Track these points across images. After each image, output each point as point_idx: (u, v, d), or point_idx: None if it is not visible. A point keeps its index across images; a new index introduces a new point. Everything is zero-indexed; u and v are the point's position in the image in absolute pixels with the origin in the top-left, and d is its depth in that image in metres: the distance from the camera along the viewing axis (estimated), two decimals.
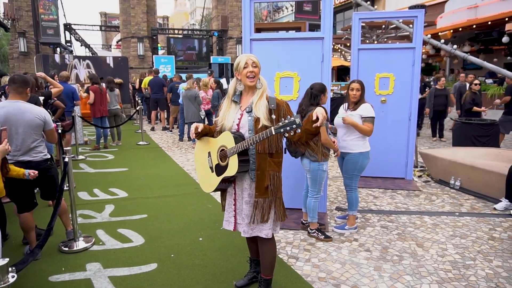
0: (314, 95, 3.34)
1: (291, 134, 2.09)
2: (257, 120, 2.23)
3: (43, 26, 18.70)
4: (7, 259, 1.61)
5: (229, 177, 2.28)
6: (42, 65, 12.16)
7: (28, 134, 3.04)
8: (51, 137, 3.27)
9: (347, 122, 3.48)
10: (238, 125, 2.30)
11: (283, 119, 2.19)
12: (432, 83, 10.35)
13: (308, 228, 3.59)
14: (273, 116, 2.21)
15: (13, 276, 1.63)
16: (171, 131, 10.58)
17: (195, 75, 11.96)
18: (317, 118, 2.16)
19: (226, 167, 2.26)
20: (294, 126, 2.00)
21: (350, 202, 3.69)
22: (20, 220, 3.16)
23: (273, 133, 2.06)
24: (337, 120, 3.63)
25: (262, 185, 2.26)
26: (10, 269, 1.63)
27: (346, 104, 3.74)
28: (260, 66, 2.32)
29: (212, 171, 2.39)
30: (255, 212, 2.28)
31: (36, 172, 2.91)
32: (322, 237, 3.49)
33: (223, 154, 2.28)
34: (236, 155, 2.18)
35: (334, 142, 3.34)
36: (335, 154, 3.55)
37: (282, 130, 2.02)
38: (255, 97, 2.29)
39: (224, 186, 2.40)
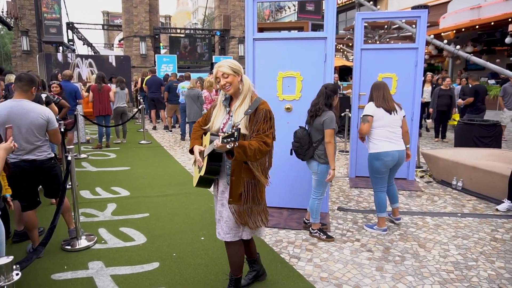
0: (328, 95, 3.36)
1: (234, 146, 1.92)
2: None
3: (45, 25, 18.76)
4: (11, 257, 1.61)
5: (203, 177, 2.28)
6: (45, 64, 12.19)
7: (32, 134, 3.01)
8: (54, 137, 3.21)
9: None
10: (222, 129, 2.27)
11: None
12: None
13: (310, 228, 3.60)
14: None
15: (17, 274, 1.63)
16: (171, 131, 10.55)
17: (197, 75, 11.98)
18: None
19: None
20: (233, 138, 1.85)
21: (375, 204, 3.72)
22: (24, 218, 3.17)
23: (219, 143, 1.89)
24: None
25: (236, 192, 2.20)
26: (14, 267, 1.63)
27: None
28: (236, 69, 2.20)
29: (198, 167, 2.41)
30: (234, 217, 2.27)
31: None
32: (324, 237, 3.49)
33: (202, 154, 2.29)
34: (206, 158, 2.17)
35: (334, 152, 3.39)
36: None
37: (225, 141, 1.86)
38: (237, 103, 2.24)
39: (210, 177, 2.36)
